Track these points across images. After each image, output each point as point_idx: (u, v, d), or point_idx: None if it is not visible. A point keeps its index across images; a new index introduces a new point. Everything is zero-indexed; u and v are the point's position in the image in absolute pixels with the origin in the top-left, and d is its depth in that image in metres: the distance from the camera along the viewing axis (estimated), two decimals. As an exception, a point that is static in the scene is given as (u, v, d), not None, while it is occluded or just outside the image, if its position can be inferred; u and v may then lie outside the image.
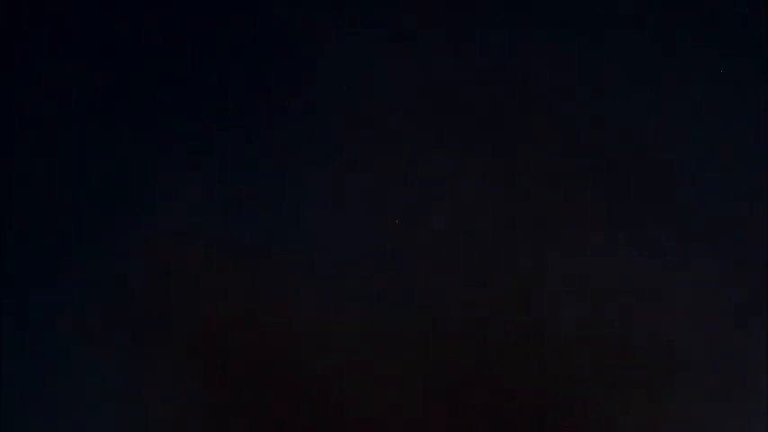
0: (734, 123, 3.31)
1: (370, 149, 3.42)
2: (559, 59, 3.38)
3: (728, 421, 3.26)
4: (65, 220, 3.46)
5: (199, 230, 3.44)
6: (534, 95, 3.39)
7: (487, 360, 3.34)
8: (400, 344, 3.37)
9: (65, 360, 3.43)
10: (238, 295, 3.41)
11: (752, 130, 3.31)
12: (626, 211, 3.34)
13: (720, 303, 3.29)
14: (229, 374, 3.40)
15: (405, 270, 3.39)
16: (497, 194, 3.38)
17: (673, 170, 3.33)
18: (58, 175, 3.47)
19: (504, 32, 3.40)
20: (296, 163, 3.43)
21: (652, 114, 3.35)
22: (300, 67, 3.45)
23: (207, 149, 3.47)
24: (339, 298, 3.39)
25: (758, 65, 3.31)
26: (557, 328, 3.32)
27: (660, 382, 3.29)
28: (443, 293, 3.37)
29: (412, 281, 3.38)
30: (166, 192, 3.45)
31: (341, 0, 3.45)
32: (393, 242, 3.40)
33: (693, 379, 3.28)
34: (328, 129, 3.43)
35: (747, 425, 3.25)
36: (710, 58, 3.33)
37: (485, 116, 3.40)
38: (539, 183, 3.37)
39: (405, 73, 3.42)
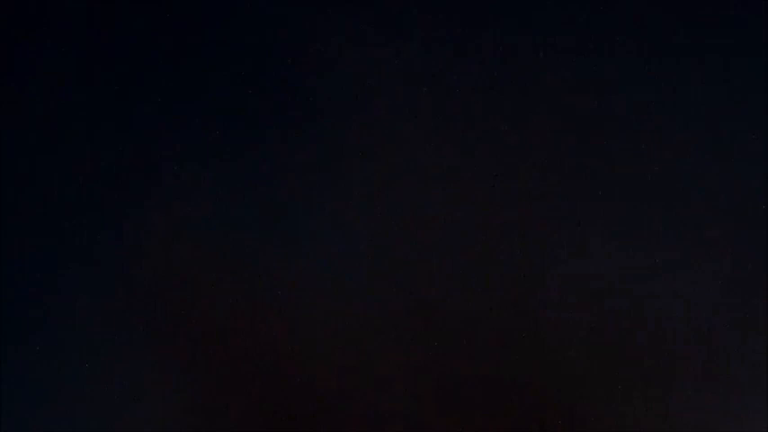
0: (734, 123, 3.31)
1: (370, 149, 3.42)
2: (560, 59, 3.37)
3: (728, 421, 3.26)
4: (65, 220, 3.46)
5: (198, 230, 3.44)
6: (534, 95, 3.39)
7: (487, 360, 3.34)
8: (400, 344, 3.37)
9: (65, 360, 3.43)
10: (238, 295, 3.41)
11: (752, 130, 3.31)
12: (626, 211, 3.33)
13: (720, 303, 3.28)
14: (229, 374, 3.40)
15: (405, 270, 3.39)
16: (497, 194, 3.38)
17: (673, 170, 3.32)
18: (58, 175, 3.47)
19: (504, 32, 3.39)
20: (296, 163, 3.43)
21: (652, 114, 3.34)
22: (300, 67, 3.45)
23: (207, 149, 3.46)
24: (339, 298, 3.39)
25: (758, 65, 3.31)
26: (557, 328, 3.32)
27: (660, 382, 3.28)
28: (443, 293, 3.37)
29: (412, 281, 3.38)
30: (166, 191, 3.45)
31: (341, 0, 3.44)
32: (393, 242, 3.39)
33: (693, 379, 3.28)
34: (328, 129, 3.43)
35: (747, 425, 3.25)
36: (710, 58, 3.32)
37: (485, 116, 3.40)
38: (539, 183, 3.36)
39: (405, 73, 3.42)
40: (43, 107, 3.48)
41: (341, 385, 3.36)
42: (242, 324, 3.41)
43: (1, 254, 3.45)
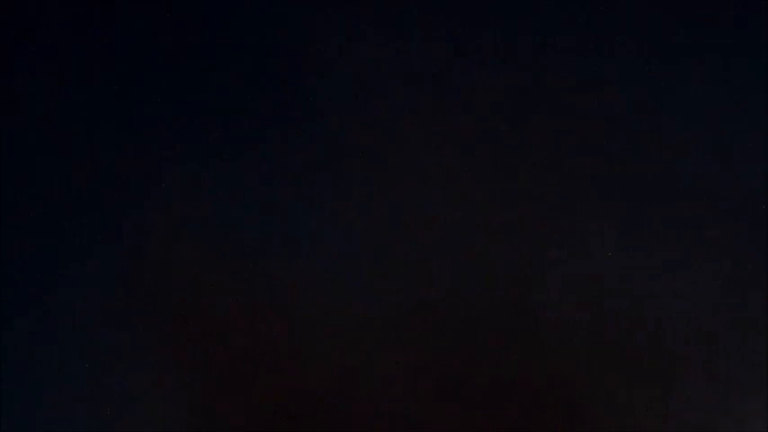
0: (734, 123, 3.31)
1: (370, 149, 3.42)
2: (560, 59, 3.38)
3: (728, 421, 3.26)
4: (65, 220, 3.46)
5: (198, 230, 3.44)
6: (534, 95, 3.39)
7: (487, 360, 3.34)
8: (400, 344, 3.37)
9: (65, 360, 3.43)
10: (238, 295, 3.41)
11: (752, 130, 3.31)
12: (626, 211, 3.33)
13: (720, 303, 3.29)
14: (229, 374, 3.40)
15: (405, 270, 3.39)
16: (497, 194, 3.38)
17: (673, 170, 3.33)
18: (58, 175, 3.47)
19: (504, 32, 3.39)
20: (296, 163, 3.43)
21: (652, 114, 3.34)
22: (300, 67, 3.45)
23: (207, 149, 3.47)
24: (339, 298, 3.39)
25: (758, 65, 3.31)
26: (557, 328, 3.32)
27: (660, 382, 3.29)
28: (443, 293, 3.37)
29: (412, 281, 3.38)
30: (166, 191, 3.45)
31: (341, 0, 3.45)
32: (393, 242, 3.39)
33: (693, 379, 3.28)
34: (328, 129, 3.43)
35: (747, 425, 3.25)
36: (710, 58, 3.32)
37: (485, 116, 3.40)
38: (539, 183, 3.37)
39: (405, 73, 3.42)
40: (43, 107, 3.48)
41: (341, 385, 3.36)
42: (242, 324, 3.41)
43: (1, 254, 3.45)
